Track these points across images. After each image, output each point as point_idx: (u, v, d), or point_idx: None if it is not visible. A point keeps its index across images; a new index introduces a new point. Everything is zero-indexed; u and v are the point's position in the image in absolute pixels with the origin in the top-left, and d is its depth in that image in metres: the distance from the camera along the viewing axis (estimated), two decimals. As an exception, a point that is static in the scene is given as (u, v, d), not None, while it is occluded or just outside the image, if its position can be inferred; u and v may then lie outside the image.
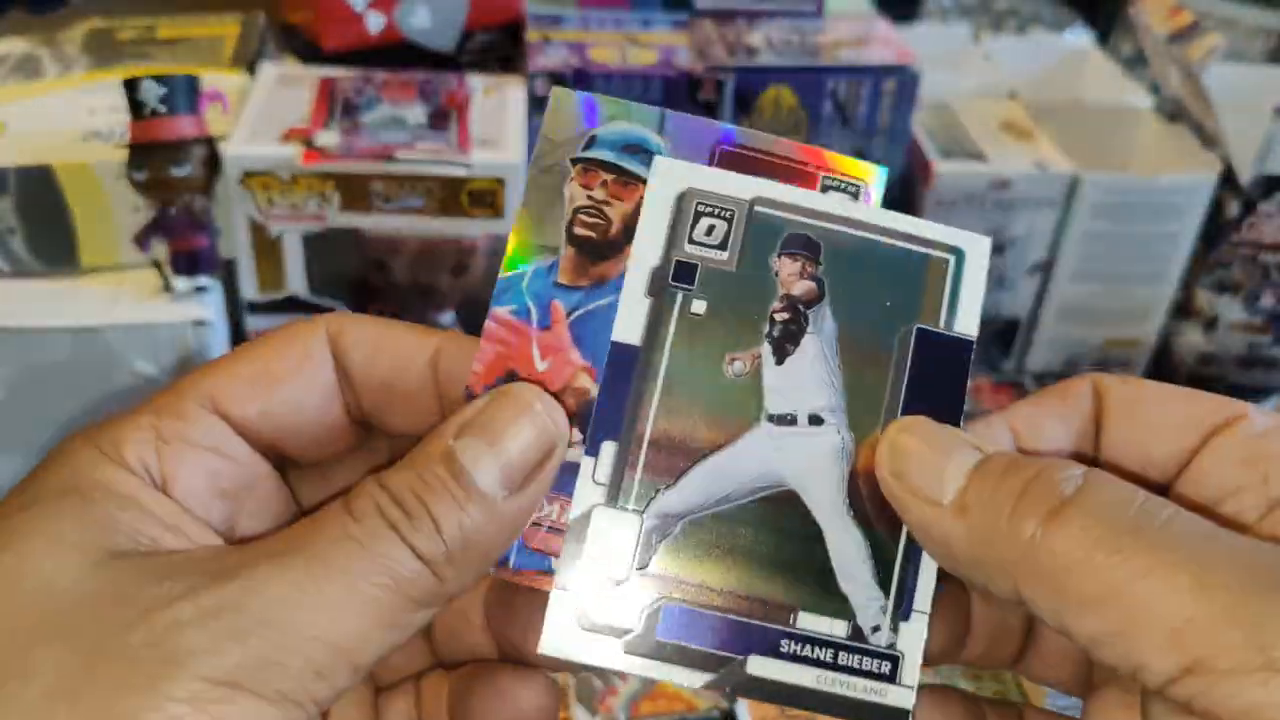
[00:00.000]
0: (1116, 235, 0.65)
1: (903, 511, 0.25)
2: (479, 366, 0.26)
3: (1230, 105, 0.65)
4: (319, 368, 0.26)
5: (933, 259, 0.28)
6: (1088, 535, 0.22)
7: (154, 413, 0.24)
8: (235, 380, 0.25)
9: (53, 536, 0.22)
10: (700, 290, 0.27)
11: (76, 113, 0.56)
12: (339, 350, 0.26)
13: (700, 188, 0.27)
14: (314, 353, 0.26)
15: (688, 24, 0.66)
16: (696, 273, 0.27)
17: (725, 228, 0.27)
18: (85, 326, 0.51)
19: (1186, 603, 0.21)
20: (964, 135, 0.67)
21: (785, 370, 0.27)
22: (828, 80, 0.60)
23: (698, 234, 0.27)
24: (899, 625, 0.26)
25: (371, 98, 0.55)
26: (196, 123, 0.50)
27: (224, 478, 0.25)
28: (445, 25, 0.63)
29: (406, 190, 0.52)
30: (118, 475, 0.23)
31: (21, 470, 0.24)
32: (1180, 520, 0.22)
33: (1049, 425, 0.27)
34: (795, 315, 0.27)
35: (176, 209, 0.50)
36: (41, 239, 0.53)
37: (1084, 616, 0.22)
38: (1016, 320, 0.69)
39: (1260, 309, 0.69)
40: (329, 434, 0.27)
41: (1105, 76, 0.77)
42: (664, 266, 0.27)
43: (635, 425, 0.26)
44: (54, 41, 0.64)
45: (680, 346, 0.27)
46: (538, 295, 0.27)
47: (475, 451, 0.24)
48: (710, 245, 0.27)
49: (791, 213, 0.28)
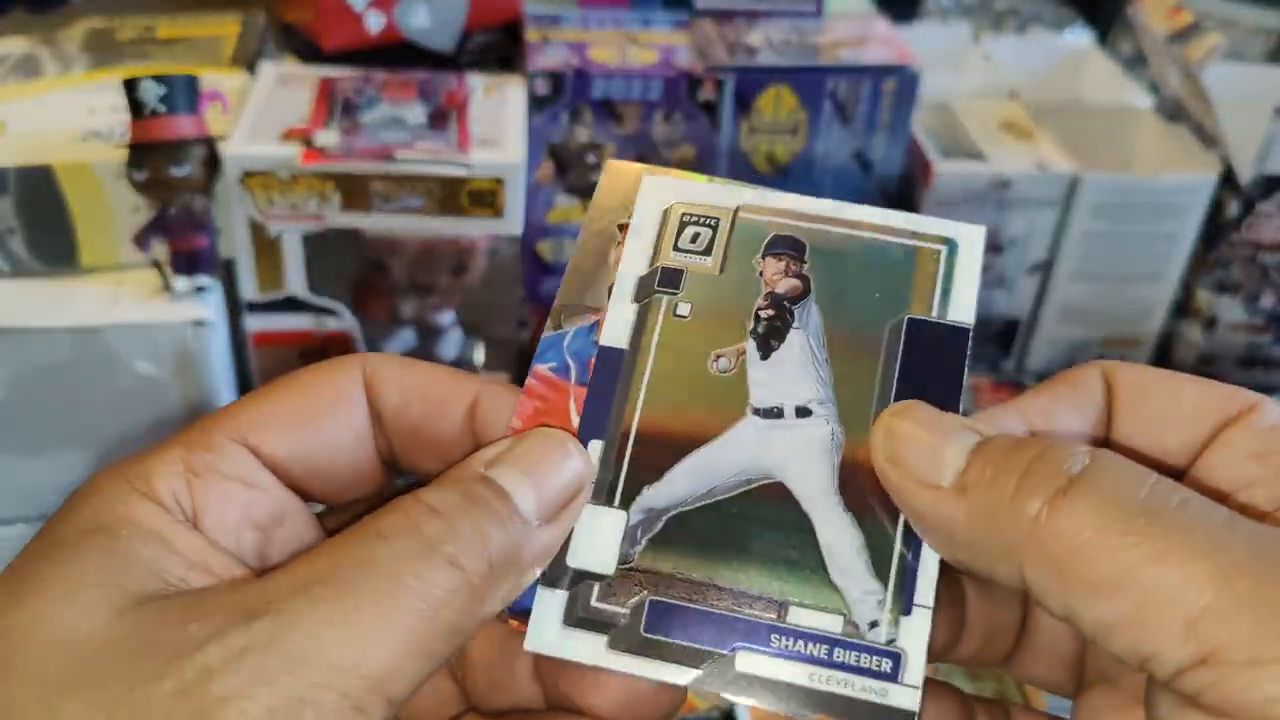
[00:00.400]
0: (1116, 235, 0.65)
1: (900, 498, 0.24)
2: (518, 421, 0.26)
3: (1230, 105, 0.65)
4: (353, 409, 0.26)
5: (922, 250, 0.28)
6: (1098, 516, 0.21)
7: (184, 446, 0.24)
8: (267, 417, 0.25)
9: (75, 580, 0.21)
10: (685, 294, 0.27)
11: (76, 112, 0.56)
12: (373, 392, 0.26)
13: (687, 198, 0.28)
14: (348, 393, 0.26)
15: (688, 24, 0.66)
16: (682, 278, 0.27)
17: (710, 234, 0.28)
18: (85, 326, 0.51)
19: (1205, 590, 0.20)
20: (964, 135, 0.67)
21: (771, 365, 0.27)
22: (827, 80, 0.60)
23: (683, 242, 0.28)
24: (900, 620, 0.24)
25: (371, 97, 0.55)
26: (196, 122, 0.50)
27: (256, 510, 0.24)
28: (445, 25, 0.63)
29: (406, 190, 0.52)
30: (146, 510, 0.23)
31: (22, 469, 0.24)
32: (1196, 504, 0.21)
33: (1063, 414, 0.26)
34: (780, 311, 0.27)
35: (176, 209, 0.50)
36: (41, 239, 0.53)
37: (1093, 602, 0.21)
38: (1016, 320, 0.69)
39: (1260, 309, 0.69)
40: (358, 476, 0.27)
41: (1105, 76, 0.77)
42: (650, 274, 0.27)
43: (620, 423, 0.26)
44: (53, 41, 0.64)
45: (666, 347, 0.27)
46: (577, 353, 0.27)
47: (513, 478, 0.24)
48: (695, 251, 0.28)
49: (777, 215, 0.28)
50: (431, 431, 0.26)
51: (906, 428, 0.25)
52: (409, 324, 0.60)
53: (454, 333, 0.61)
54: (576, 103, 0.59)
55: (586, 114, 0.59)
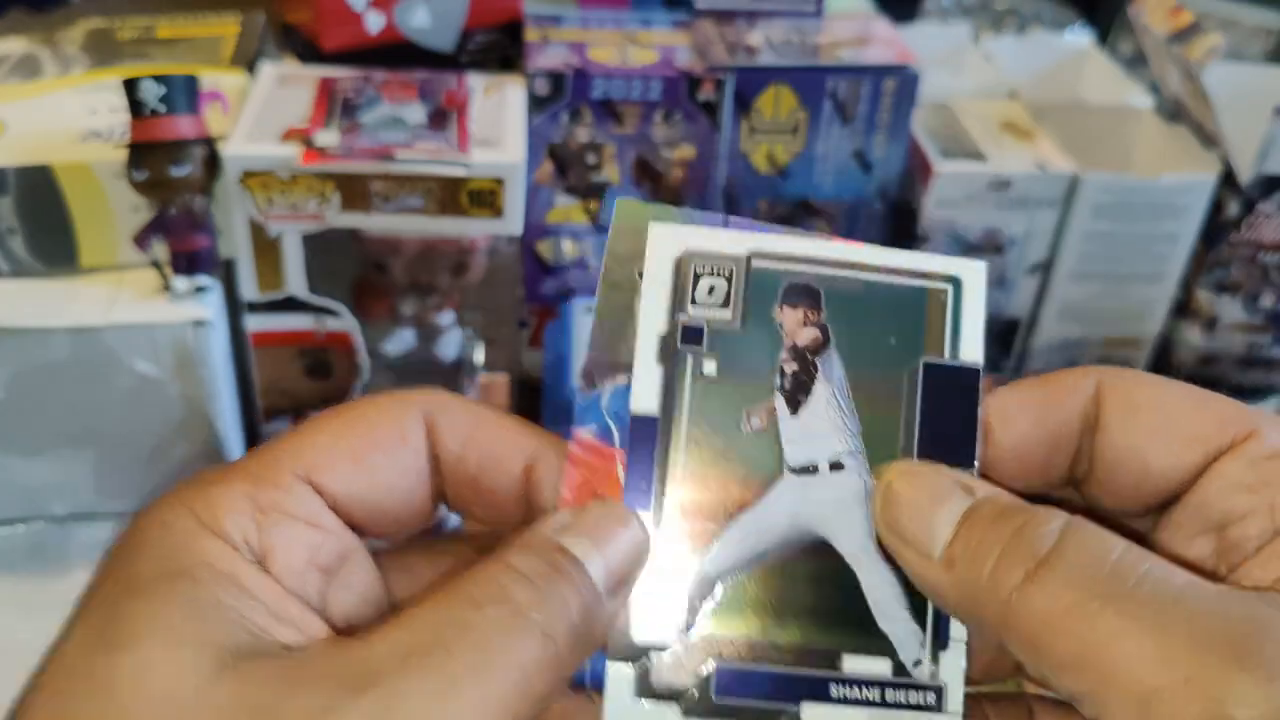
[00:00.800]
0: (1116, 235, 0.65)
1: (899, 560, 0.26)
2: (567, 493, 0.26)
3: (1230, 105, 0.65)
4: (413, 451, 0.26)
5: (931, 291, 0.28)
6: (1063, 594, 0.23)
7: (250, 481, 0.24)
8: (332, 454, 0.25)
9: (169, 635, 0.21)
10: (708, 351, 0.28)
11: (76, 112, 0.56)
12: (434, 436, 0.27)
13: (697, 249, 0.28)
14: (409, 434, 0.26)
15: (688, 24, 0.66)
16: (704, 335, 0.28)
17: (725, 286, 0.28)
18: (85, 326, 0.51)
19: (1152, 671, 0.21)
20: (964, 135, 0.67)
21: (800, 420, 0.27)
22: (827, 80, 0.60)
23: (699, 295, 0.28)
24: (939, 655, 0.26)
25: (371, 97, 0.55)
26: (196, 123, 0.50)
27: (322, 552, 0.25)
28: (445, 25, 0.63)
29: (406, 190, 0.52)
30: (219, 551, 0.23)
31: (21, 469, 0.24)
32: (1151, 579, 0.23)
33: (1023, 420, 0.27)
34: (803, 364, 0.28)
35: (176, 209, 0.50)
36: (41, 239, 0.53)
37: (1061, 675, 0.23)
38: (1016, 320, 0.69)
39: (1260, 309, 0.69)
40: (411, 514, 0.27)
41: (1105, 76, 0.77)
42: (671, 332, 0.28)
43: (664, 494, 0.27)
44: (53, 41, 0.64)
45: (697, 410, 0.27)
46: (617, 415, 0.27)
47: (584, 549, 0.24)
48: (713, 305, 0.28)
49: (788, 263, 0.28)
50: (488, 483, 0.27)
51: (904, 491, 0.26)
52: (409, 324, 0.60)
53: (454, 332, 0.61)
54: (576, 103, 0.59)
55: (586, 114, 0.59)
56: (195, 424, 0.54)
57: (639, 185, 0.62)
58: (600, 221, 0.63)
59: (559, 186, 0.62)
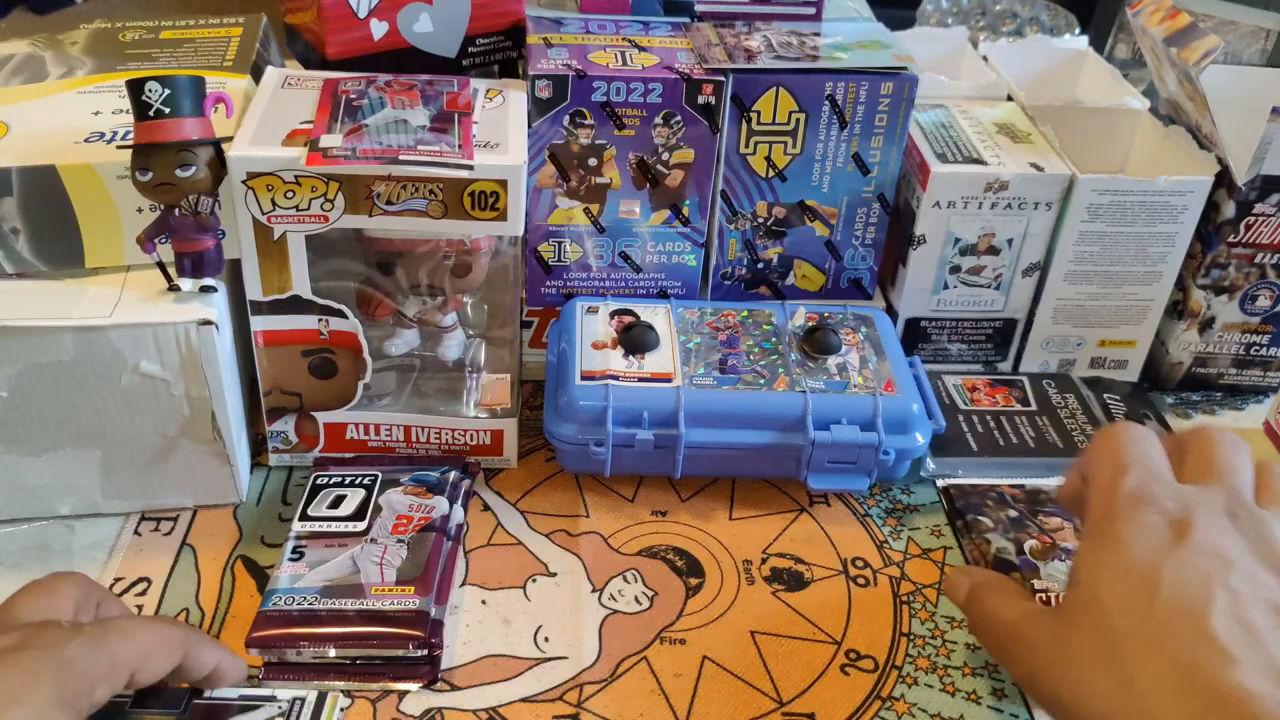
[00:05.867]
0: (1113, 236, 0.66)
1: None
2: None
3: (1226, 107, 0.65)
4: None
5: None
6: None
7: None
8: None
9: None
10: None
11: (81, 114, 0.56)
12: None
13: None
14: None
15: (687, 28, 0.67)
16: None
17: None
18: (90, 326, 0.51)
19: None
20: (961, 137, 0.67)
21: None
22: (826, 83, 0.61)
23: None
24: None
25: (375, 100, 0.56)
26: (202, 124, 0.50)
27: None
28: (448, 31, 0.63)
29: (409, 192, 0.52)
30: None
31: (27, 469, 0.24)
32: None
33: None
34: None
35: (182, 210, 0.51)
36: (46, 240, 0.53)
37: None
38: (1013, 320, 0.69)
39: (1256, 309, 0.69)
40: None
41: (1102, 78, 0.77)
42: None
43: None
44: (57, 43, 0.65)
45: None
46: None
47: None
48: None
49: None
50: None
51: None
52: (412, 325, 0.61)
53: (456, 333, 0.61)
54: (577, 106, 0.59)
55: (587, 117, 0.60)
56: (200, 424, 0.54)
57: (639, 188, 0.63)
58: (600, 223, 0.64)
59: (560, 189, 0.63)
